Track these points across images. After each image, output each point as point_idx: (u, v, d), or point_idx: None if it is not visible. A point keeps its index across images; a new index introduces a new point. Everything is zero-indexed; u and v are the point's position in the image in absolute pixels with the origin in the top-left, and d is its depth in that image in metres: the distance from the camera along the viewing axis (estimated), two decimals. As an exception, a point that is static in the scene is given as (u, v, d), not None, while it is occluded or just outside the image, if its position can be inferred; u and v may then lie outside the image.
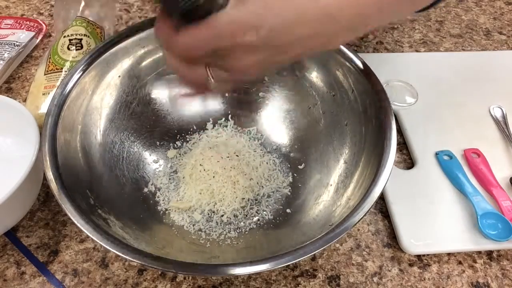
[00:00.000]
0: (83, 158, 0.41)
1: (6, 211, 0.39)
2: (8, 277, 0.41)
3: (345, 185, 0.42)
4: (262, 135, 0.51)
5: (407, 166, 0.51)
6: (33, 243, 0.43)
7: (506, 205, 0.45)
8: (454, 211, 0.46)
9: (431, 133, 0.53)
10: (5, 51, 0.57)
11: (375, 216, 0.47)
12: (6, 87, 0.57)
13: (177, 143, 0.50)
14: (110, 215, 0.38)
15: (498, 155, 0.51)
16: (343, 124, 0.46)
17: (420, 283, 0.42)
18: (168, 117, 0.50)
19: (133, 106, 0.48)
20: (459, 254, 0.44)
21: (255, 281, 0.41)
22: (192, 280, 0.41)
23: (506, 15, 0.72)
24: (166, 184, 0.46)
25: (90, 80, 0.43)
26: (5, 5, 0.68)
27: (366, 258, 0.43)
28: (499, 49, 0.66)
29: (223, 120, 0.52)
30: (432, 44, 0.66)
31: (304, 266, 0.43)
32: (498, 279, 0.43)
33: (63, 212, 0.37)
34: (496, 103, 0.56)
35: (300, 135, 0.49)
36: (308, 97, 0.49)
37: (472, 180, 0.48)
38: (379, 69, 0.45)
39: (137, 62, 0.47)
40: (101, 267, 0.42)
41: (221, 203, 0.44)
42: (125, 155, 0.46)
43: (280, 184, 0.47)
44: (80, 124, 0.42)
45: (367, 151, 0.42)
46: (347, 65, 0.45)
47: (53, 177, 0.35)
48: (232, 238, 0.42)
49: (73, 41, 0.55)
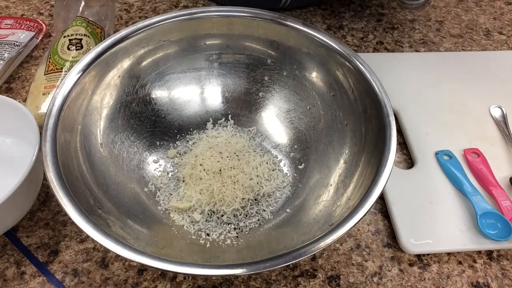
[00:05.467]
0: (83, 158, 0.41)
1: (6, 211, 0.39)
2: (8, 277, 0.41)
3: (345, 185, 0.42)
4: (262, 135, 0.51)
5: (407, 166, 0.51)
6: (33, 243, 0.43)
7: (505, 205, 0.45)
8: (454, 211, 0.46)
9: (431, 133, 0.53)
10: (5, 51, 0.57)
11: (375, 216, 0.47)
12: (6, 87, 0.57)
13: (177, 143, 0.50)
14: (110, 215, 0.38)
15: (498, 155, 0.51)
16: (343, 124, 0.46)
17: (420, 283, 0.42)
18: (168, 117, 0.50)
19: (133, 106, 0.48)
20: (459, 254, 0.44)
21: (255, 281, 0.41)
22: (192, 280, 0.41)
23: (506, 15, 0.72)
24: (166, 184, 0.46)
25: (90, 80, 0.43)
26: (5, 5, 0.68)
27: (366, 258, 0.43)
28: (499, 49, 0.66)
29: (223, 120, 0.52)
30: (432, 44, 0.66)
31: (304, 266, 0.43)
32: (498, 279, 0.43)
33: (63, 212, 0.37)
34: (496, 103, 0.56)
35: (300, 135, 0.49)
36: (308, 97, 0.49)
37: (472, 180, 0.48)
38: (379, 69, 0.45)
39: (137, 62, 0.47)
40: (101, 267, 0.42)
41: (221, 203, 0.44)
42: (125, 155, 0.46)
43: (280, 184, 0.47)
44: (80, 124, 0.42)
45: (367, 151, 0.42)
46: (347, 65, 0.45)
47: (53, 177, 0.35)
48: (232, 238, 0.42)
49: (73, 41, 0.55)
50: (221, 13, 0.48)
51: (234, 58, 0.51)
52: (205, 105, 0.52)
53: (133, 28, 0.46)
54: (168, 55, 0.49)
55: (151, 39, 0.47)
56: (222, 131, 0.51)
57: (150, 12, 0.69)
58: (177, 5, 0.70)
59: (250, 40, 0.50)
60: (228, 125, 0.51)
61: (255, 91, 0.51)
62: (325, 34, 0.47)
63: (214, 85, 0.52)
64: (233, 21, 0.48)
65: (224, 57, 0.51)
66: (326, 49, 0.46)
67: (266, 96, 0.51)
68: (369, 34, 0.67)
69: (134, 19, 0.67)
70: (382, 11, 0.71)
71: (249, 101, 0.52)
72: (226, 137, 0.50)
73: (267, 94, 0.51)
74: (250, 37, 0.50)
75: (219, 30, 0.49)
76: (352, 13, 0.71)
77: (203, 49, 0.50)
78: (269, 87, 0.51)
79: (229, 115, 0.52)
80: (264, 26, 0.48)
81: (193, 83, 0.51)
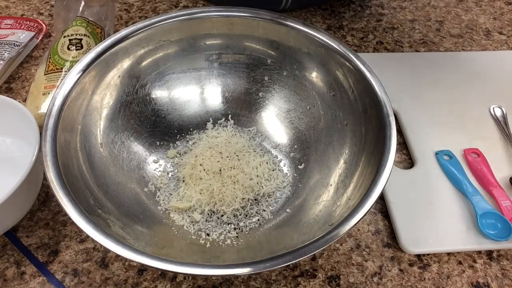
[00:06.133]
0: (83, 158, 0.41)
1: (6, 211, 0.39)
2: (8, 277, 0.41)
3: (345, 185, 0.42)
4: (262, 135, 0.51)
5: (407, 166, 0.51)
6: (33, 243, 0.43)
7: (505, 205, 0.45)
8: (454, 211, 0.46)
9: (431, 133, 0.53)
10: (5, 51, 0.57)
11: (375, 216, 0.47)
12: (6, 87, 0.57)
13: (177, 143, 0.50)
14: (110, 215, 0.38)
15: (498, 155, 0.51)
16: (343, 124, 0.46)
17: (420, 283, 0.42)
18: (168, 117, 0.50)
19: (133, 106, 0.48)
20: (459, 254, 0.44)
21: (255, 281, 0.41)
22: (192, 280, 0.41)
23: (506, 15, 0.72)
24: (166, 184, 0.46)
25: (90, 80, 0.43)
26: (5, 5, 0.68)
27: (366, 258, 0.43)
28: (499, 49, 0.66)
29: (223, 120, 0.52)
30: (432, 44, 0.66)
31: (304, 266, 0.43)
32: (498, 279, 0.43)
33: (63, 212, 0.37)
34: (496, 103, 0.56)
35: (300, 135, 0.49)
36: (308, 97, 0.49)
37: (472, 179, 0.48)
38: (379, 69, 0.45)
39: (137, 62, 0.47)
40: (101, 267, 0.42)
41: (221, 203, 0.44)
42: (125, 155, 0.46)
43: (280, 184, 0.47)
44: (80, 124, 0.42)
45: (367, 151, 0.42)
46: (347, 65, 0.45)
47: (53, 177, 0.35)
48: (232, 238, 0.42)
49: (73, 41, 0.55)
50: (221, 13, 0.48)
51: (234, 58, 0.51)
52: (205, 105, 0.52)
53: (133, 28, 0.46)
54: (168, 55, 0.49)
55: (151, 39, 0.47)
56: (222, 131, 0.51)
57: (150, 12, 0.69)
58: (177, 5, 0.70)
59: (250, 40, 0.50)
60: (228, 125, 0.51)
61: (255, 91, 0.51)
62: (325, 34, 0.47)
63: (214, 85, 0.52)
64: (233, 21, 0.49)
65: (224, 57, 0.51)
66: (326, 49, 0.46)
67: (266, 96, 0.51)
68: (369, 34, 0.67)
69: (134, 19, 0.67)
70: (382, 11, 0.71)
71: (249, 101, 0.52)
72: (226, 137, 0.50)
73: (267, 94, 0.51)
74: (250, 37, 0.50)
75: (219, 30, 0.49)
76: (352, 13, 0.71)
77: (203, 49, 0.50)
78: (269, 87, 0.51)
79: (229, 115, 0.52)
80: (264, 26, 0.48)
81: (193, 83, 0.51)
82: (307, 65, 0.49)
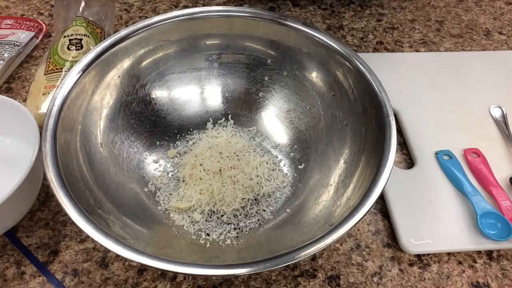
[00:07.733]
0: (83, 158, 0.41)
1: (6, 211, 0.39)
2: (8, 277, 0.41)
3: (345, 185, 0.42)
4: (262, 135, 0.51)
5: (407, 166, 0.51)
6: (33, 243, 0.43)
7: (505, 205, 0.45)
8: (454, 210, 0.46)
9: (431, 133, 0.53)
10: (5, 51, 0.57)
11: (375, 216, 0.47)
12: (6, 87, 0.57)
13: (177, 143, 0.50)
14: (110, 215, 0.38)
15: (498, 155, 0.51)
16: (343, 124, 0.46)
17: (420, 283, 0.42)
18: (168, 117, 0.50)
19: (133, 106, 0.48)
20: (459, 254, 0.44)
21: (255, 281, 0.41)
22: (192, 280, 0.41)
23: (506, 15, 0.72)
24: (166, 184, 0.46)
25: (90, 80, 0.43)
26: (5, 5, 0.68)
27: (366, 258, 0.43)
28: (499, 49, 0.66)
29: (223, 120, 0.52)
30: (432, 44, 0.66)
31: (304, 266, 0.43)
32: (498, 279, 0.43)
33: (63, 212, 0.37)
34: (496, 103, 0.56)
35: (300, 135, 0.49)
36: (308, 97, 0.49)
37: (472, 179, 0.48)
38: (379, 69, 0.45)
39: (137, 62, 0.47)
40: (101, 267, 0.42)
41: (221, 203, 0.44)
42: (125, 155, 0.46)
43: (280, 184, 0.47)
44: (80, 124, 0.42)
45: (367, 151, 0.42)
46: (347, 65, 0.45)
47: (53, 177, 0.35)
48: (232, 238, 0.42)
49: (73, 41, 0.55)
50: (221, 13, 0.48)
51: (234, 58, 0.51)
52: (205, 105, 0.52)
53: (133, 28, 0.46)
54: (168, 55, 0.49)
55: (151, 39, 0.47)
56: (222, 131, 0.51)
57: (150, 12, 0.69)
58: (177, 5, 0.70)
59: (250, 40, 0.50)
60: (228, 125, 0.51)
61: (255, 91, 0.51)
62: (325, 34, 0.47)
63: (214, 85, 0.52)
64: (233, 21, 0.49)
65: (224, 57, 0.51)
66: (326, 49, 0.46)
67: (266, 96, 0.51)
68: (369, 34, 0.67)
69: (134, 19, 0.67)
70: (382, 11, 0.71)
71: (249, 101, 0.52)
72: (226, 137, 0.50)
73: (267, 94, 0.51)
74: (250, 37, 0.50)
75: (219, 30, 0.49)
76: (352, 13, 0.71)
77: (203, 49, 0.50)
78: (269, 87, 0.51)
79: (229, 115, 0.52)
80: (264, 26, 0.48)
81: (193, 83, 0.51)
82: (307, 65, 0.49)
